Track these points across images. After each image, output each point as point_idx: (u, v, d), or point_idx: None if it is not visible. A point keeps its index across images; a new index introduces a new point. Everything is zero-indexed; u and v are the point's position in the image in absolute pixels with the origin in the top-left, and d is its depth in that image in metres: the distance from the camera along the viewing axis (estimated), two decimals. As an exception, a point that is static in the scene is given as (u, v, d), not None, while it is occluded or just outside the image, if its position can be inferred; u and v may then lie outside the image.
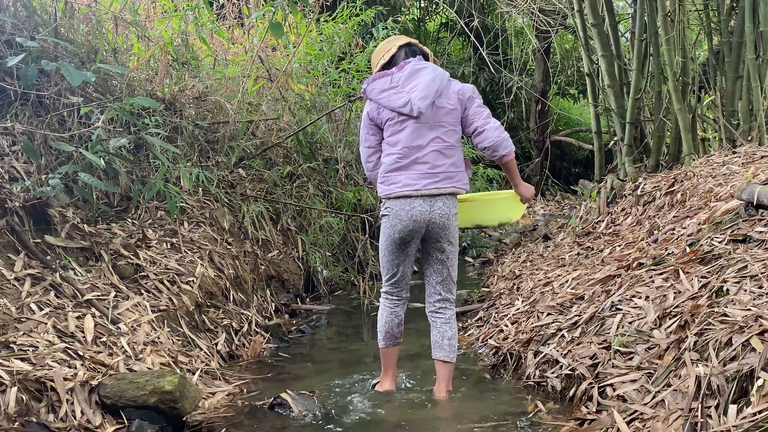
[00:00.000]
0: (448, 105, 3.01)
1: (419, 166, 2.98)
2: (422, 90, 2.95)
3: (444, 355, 3.09)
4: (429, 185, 2.97)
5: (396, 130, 3.01)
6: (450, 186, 3.00)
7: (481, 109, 3.05)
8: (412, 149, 2.98)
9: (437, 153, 2.98)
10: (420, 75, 2.99)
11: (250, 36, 6.55)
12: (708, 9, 7.10)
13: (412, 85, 2.98)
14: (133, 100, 3.66)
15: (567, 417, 2.68)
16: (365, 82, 3.10)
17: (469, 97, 3.05)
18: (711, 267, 3.08)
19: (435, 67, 3.04)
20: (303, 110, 6.14)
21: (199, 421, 2.78)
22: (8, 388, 2.38)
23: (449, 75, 3.09)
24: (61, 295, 3.20)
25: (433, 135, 2.99)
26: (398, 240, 3.05)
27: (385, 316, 3.19)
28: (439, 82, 2.98)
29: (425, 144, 2.98)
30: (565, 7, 8.70)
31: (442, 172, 2.99)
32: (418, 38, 14.08)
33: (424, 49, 3.18)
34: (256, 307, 4.66)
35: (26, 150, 3.40)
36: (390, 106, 2.99)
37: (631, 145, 6.43)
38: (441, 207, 2.99)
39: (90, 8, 4.71)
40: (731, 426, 2.00)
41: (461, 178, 3.05)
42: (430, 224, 3.00)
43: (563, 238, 5.96)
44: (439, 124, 3.00)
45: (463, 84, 3.10)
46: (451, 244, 3.10)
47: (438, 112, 2.99)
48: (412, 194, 2.97)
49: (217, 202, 4.97)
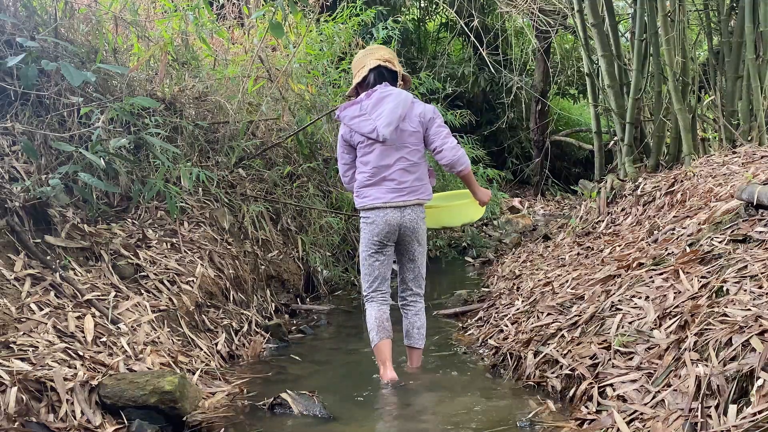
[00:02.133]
0: (411, 128, 3.38)
1: (387, 182, 3.39)
2: (386, 117, 3.32)
3: (413, 342, 3.52)
4: (396, 198, 3.39)
5: (366, 152, 3.41)
6: (414, 198, 3.41)
7: (440, 129, 3.41)
8: (381, 168, 3.39)
9: (402, 171, 3.39)
10: (384, 102, 3.35)
11: (250, 36, 6.55)
12: (708, 9, 7.11)
13: (378, 112, 3.35)
14: (133, 100, 3.66)
15: (567, 417, 2.68)
16: (338, 109, 3.48)
17: (430, 118, 3.41)
18: (711, 267, 3.08)
19: (399, 93, 3.39)
20: (303, 110, 6.14)
21: (199, 421, 2.78)
22: (8, 388, 2.38)
23: (413, 97, 3.44)
24: (61, 295, 3.20)
25: (399, 155, 3.38)
26: (377, 242, 3.43)
27: (373, 313, 3.45)
28: (402, 108, 3.35)
29: (392, 163, 3.38)
30: (565, 7, 8.71)
31: (407, 187, 3.40)
32: (418, 38, 14.09)
33: (394, 68, 3.49)
34: (256, 307, 4.66)
35: (26, 150, 3.40)
36: (360, 131, 3.38)
37: (631, 145, 6.43)
38: (410, 214, 3.41)
39: (90, 8, 4.71)
40: (731, 426, 2.00)
41: (425, 190, 3.46)
42: (402, 227, 3.41)
43: (563, 238, 5.96)
44: (403, 145, 3.38)
45: (425, 106, 3.44)
46: (420, 245, 3.51)
47: (402, 134, 3.37)
48: (382, 206, 3.39)
49: (217, 202, 4.97)
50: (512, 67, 11.24)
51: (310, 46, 6.59)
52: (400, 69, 3.52)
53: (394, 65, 3.48)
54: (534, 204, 12.33)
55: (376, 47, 3.60)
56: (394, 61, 3.52)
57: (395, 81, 3.48)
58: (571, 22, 8.85)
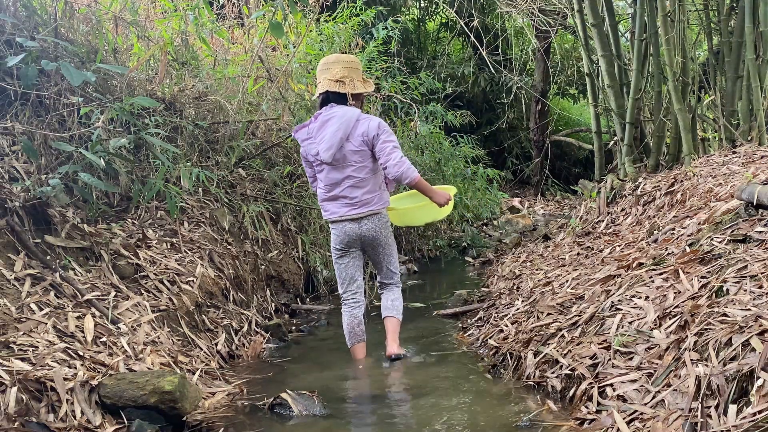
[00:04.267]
0: (353, 147, 3.56)
1: (340, 199, 3.64)
2: (327, 142, 3.55)
3: (389, 312, 3.82)
4: (350, 212, 3.64)
5: (319, 170, 3.68)
6: (367, 210, 3.64)
7: (384, 146, 3.54)
8: (332, 186, 3.64)
9: (351, 187, 3.61)
10: (327, 126, 3.56)
11: (250, 36, 6.55)
12: (708, 9, 7.11)
13: (321, 136, 3.58)
14: (133, 100, 3.66)
15: (567, 417, 2.68)
16: (293, 130, 3.75)
17: (374, 135, 3.55)
18: (711, 267, 3.08)
19: (343, 114, 3.54)
20: (303, 110, 6.14)
21: (199, 421, 2.78)
22: (8, 388, 2.38)
23: (359, 114, 3.57)
24: (61, 295, 3.20)
25: (345, 174, 3.60)
26: (339, 249, 3.74)
27: (345, 319, 3.80)
28: (343, 130, 3.53)
29: (340, 181, 3.62)
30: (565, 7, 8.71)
31: (359, 201, 3.63)
32: (418, 38, 14.09)
33: (343, 89, 3.57)
34: (256, 307, 4.66)
35: (26, 150, 3.40)
36: (309, 153, 3.66)
37: (631, 145, 6.43)
38: (366, 224, 3.66)
39: (90, 8, 4.71)
40: (731, 426, 2.00)
41: (377, 201, 3.66)
42: (362, 237, 3.69)
43: (563, 238, 5.96)
44: (348, 164, 3.59)
45: (370, 123, 3.56)
46: (383, 247, 3.77)
47: (346, 154, 3.57)
48: (339, 219, 3.67)
49: (217, 202, 4.97)
50: (512, 67, 11.24)
51: (310, 46, 6.59)
52: (354, 86, 3.59)
53: (344, 85, 3.56)
54: (534, 204, 12.33)
55: (334, 59, 3.64)
56: (352, 75, 3.59)
57: (345, 101, 3.60)
58: (571, 22, 8.85)
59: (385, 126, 3.59)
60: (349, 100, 3.62)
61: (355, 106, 3.64)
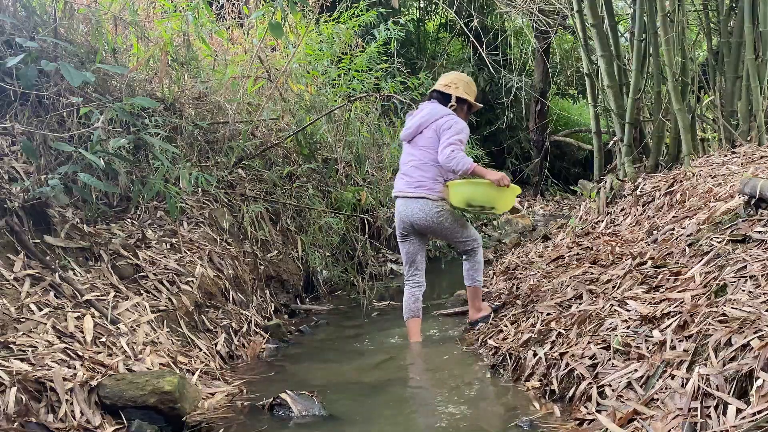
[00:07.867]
0: (428, 134, 4.04)
1: (403, 176, 4.12)
2: (408, 126, 4.15)
3: (465, 282, 4.29)
4: (404, 188, 4.08)
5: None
6: (418, 192, 4.02)
7: (445, 140, 3.94)
8: (403, 164, 4.17)
9: (413, 167, 4.07)
10: (416, 114, 4.15)
11: (250, 36, 6.55)
12: (708, 9, 7.10)
13: (410, 120, 4.17)
14: (132, 101, 3.66)
15: (567, 417, 2.68)
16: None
17: (443, 130, 3.99)
18: (710, 267, 3.08)
19: (431, 109, 4.08)
20: (303, 110, 6.14)
21: (198, 422, 2.78)
22: (8, 388, 2.38)
23: (448, 113, 4.04)
24: (60, 296, 3.20)
25: (414, 155, 4.09)
26: (400, 234, 4.19)
27: (405, 296, 4.20)
28: (423, 120, 4.06)
29: (407, 161, 4.12)
30: (564, 7, 8.71)
31: (415, 181, 4.04)
32: (418, 38, 14.08)
33: (447, 91, 4.14)
34: (255, 307, 4.66)
35: (26, 150, 3.39)
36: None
37: (631, 145, 6.43)
38: (415, 208, 4.02)
39: (90, 8, 4.71)
40: (730, 426, 2.00)
41: (432, 187, 4.03)
42: (414, 224, 4.06)
43: (563, 238, 5.96)
44: (419, 147, 4.07)
45: (448, 120, 4.00)
46: (442, 230, 4.10)
47: (419, 138, 4.08)
48: (397, 195, 4.13)
49: (216, 203, 4.97)
50: (512, 67, 11.24)
51: (309, 47, 6.59)
52: (456, 91, 4.13)
53: (449, 88, 4.14)
54: (533, 204, 12.33)
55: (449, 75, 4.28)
56: (456, 83, 4.17)
57: (446, 101, 4.11)
58: (570, 22, 8.85)
59: (460, 128, 3.97)
60: (452, 101, 4.10)
61: (455, 110, 4.10)
